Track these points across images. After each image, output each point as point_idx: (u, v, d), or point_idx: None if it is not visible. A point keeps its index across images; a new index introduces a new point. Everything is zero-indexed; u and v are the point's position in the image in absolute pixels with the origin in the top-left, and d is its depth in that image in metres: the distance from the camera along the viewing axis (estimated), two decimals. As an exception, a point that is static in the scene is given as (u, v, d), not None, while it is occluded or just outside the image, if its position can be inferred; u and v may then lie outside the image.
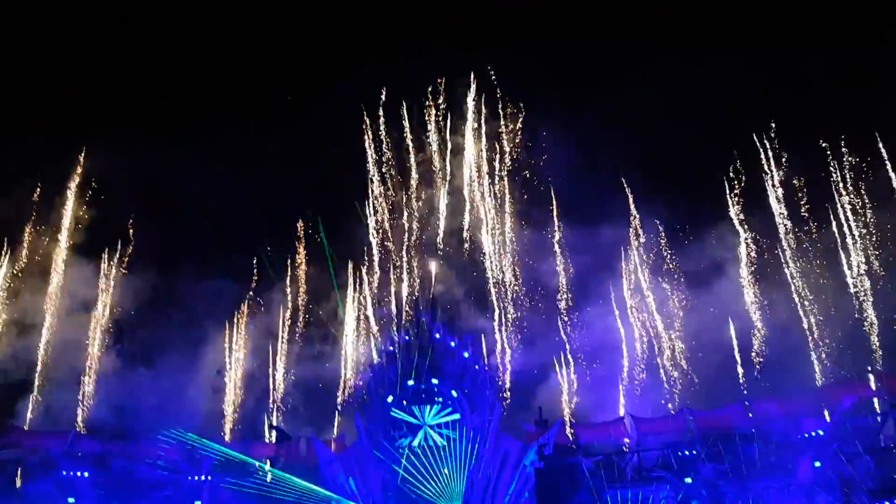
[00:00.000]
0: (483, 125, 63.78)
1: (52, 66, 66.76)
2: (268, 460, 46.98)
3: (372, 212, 61.81)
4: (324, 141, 66.96)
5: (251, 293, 62.56)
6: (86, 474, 43.68)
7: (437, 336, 48.32)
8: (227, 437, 53.45)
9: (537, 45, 73.12)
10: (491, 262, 60.56)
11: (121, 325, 60.29)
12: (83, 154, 60.70)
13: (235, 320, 61.34)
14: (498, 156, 63.42)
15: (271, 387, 60.04)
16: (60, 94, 65.42)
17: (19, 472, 45.05)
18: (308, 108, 71.03)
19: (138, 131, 66.17)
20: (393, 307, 60.00)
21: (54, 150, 61.30)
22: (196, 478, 44.41)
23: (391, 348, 48.52)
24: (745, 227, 58.84)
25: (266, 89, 72.26)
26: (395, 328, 54.84)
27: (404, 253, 61.90)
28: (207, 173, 62.42)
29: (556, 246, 60.72)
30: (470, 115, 63.94)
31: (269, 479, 44.13)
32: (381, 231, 62.78)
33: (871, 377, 44.81)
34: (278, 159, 68.89)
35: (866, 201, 54.64)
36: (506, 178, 62.72)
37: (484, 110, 64.00)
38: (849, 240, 54.92)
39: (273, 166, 68.67)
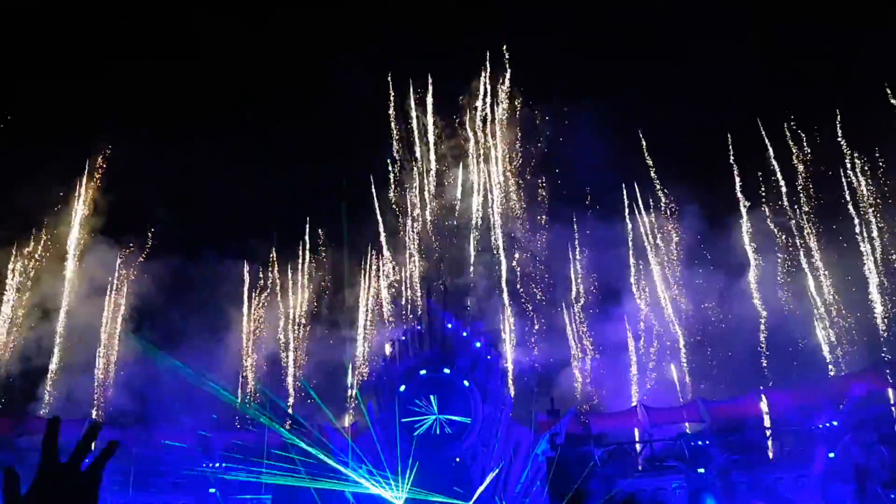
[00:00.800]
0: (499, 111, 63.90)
1: (72, 57, 67.24)
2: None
3: (393, 193, 62.17)
4: (342, 129, 67.32)
5: (265, 282, 63.16)
6: (101, 462, 44.07)
7: (450, 326, 48.31)
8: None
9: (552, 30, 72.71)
10: (511, 250, 60.78)
11: (139, 312, 61.13)
12: (104, 152, 61.56)
13: (251, 309, 61.97)
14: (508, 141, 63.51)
15: (287, 374, 60.63)
16: (83, 84, 65.80)
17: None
18: (325, 96, 71.17)
19: (157, 122, 66.60)
20: (405, 296, 60.46)
21: (75, 139, 61.97)
22: (210, 465, 44.75)
23: (403, 338, 48.58)
24: (770, 216, 58.65)
25: (280, 78, 72.51)
26: (407, 317, 55.08)
27: (417, 241, 62.23)
28: (224, 163, 62.90)
29: (576, 240, 60.86)
30: (501, 100, 64.10)
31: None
32: (397, 217, 63.21)
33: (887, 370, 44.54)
34: (294, 148, 69.33)
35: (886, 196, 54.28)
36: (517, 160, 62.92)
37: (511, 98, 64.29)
38: (866, 229, 54.61)
39: (289, 155, 69.05)
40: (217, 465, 44.79)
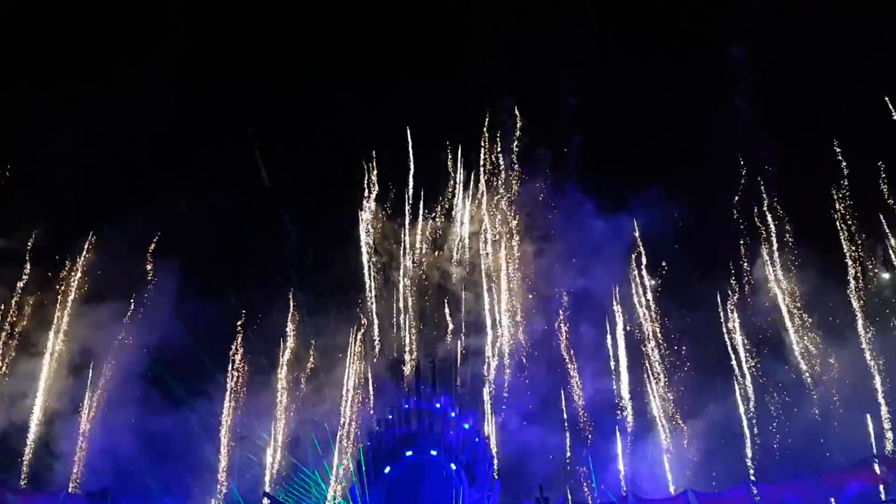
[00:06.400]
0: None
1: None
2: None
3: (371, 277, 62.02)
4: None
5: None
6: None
7: (438, 406, 47.67)
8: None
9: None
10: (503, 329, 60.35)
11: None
12: None
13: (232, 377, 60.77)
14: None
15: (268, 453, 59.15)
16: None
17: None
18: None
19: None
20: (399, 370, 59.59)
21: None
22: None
23: (390, 416, 47.78)
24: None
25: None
26: (396, 394, 54.21)
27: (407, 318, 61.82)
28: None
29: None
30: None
31: None
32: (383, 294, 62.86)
33: (876, 463, 44.18)
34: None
35: None
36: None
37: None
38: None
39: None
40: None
